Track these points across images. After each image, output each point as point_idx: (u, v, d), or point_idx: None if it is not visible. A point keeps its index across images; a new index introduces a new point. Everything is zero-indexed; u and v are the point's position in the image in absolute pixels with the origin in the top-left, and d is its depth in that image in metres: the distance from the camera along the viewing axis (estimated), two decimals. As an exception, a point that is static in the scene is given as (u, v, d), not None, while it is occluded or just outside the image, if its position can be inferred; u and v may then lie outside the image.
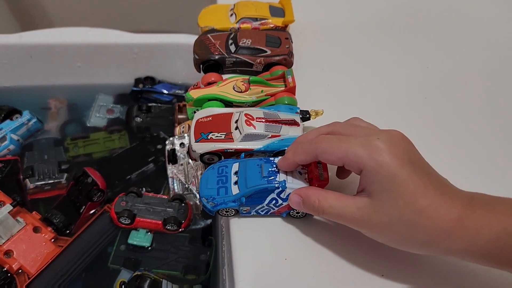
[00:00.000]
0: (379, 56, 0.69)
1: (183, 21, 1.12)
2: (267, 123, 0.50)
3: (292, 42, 0.64)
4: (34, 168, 0.76)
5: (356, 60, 0.67)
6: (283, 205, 0.47)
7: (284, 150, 0.50)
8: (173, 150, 0.76)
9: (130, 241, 0.68)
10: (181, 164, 0.76)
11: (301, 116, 0.54)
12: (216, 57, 0.62)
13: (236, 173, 0.48)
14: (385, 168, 0.37)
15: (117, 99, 0.94)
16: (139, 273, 0.64)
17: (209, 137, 0.50)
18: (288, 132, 0.51)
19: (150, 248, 0.68)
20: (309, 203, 0.42)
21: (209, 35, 0.65)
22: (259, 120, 0.50)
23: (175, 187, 0.74)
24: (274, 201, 0.46)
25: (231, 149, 0.49)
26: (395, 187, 0.37)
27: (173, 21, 1.13)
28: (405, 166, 0.37)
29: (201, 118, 0.53)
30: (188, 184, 0.74)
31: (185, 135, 0.77)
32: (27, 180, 0.75)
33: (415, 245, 0.39)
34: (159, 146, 0.83)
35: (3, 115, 0.82)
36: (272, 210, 0.48)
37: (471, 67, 0.66)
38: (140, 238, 0.68)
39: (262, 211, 0.48)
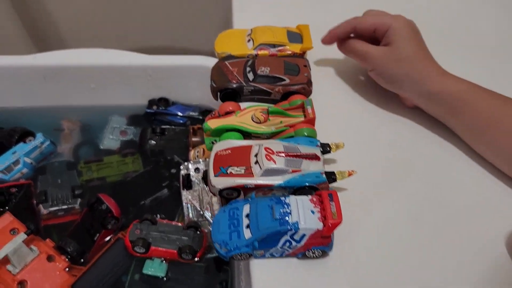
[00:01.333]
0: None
1: (198, 41, 1.12)
2: (288, 158, 0.49)
3: (310, 69, 0.63)
4: (48, 193, 0.75)
5: (376, 88, 0.66)
6: (297, 247, 0.45)
7: (305, 186, 0.48)
8: (188, 175, 0.75)
9: (145, 271, 0.67)
10: (195, 190, 0.74)
11: (321, 150, 0.52)
12: (234, 85, 0.61)
13: (247, 215, 0.46)
14: (406, 27, 0.59)
15: (130, 120, 0.93)
16: (154, 304, 0.63)
17: (228, 172, 0.49)
18: (309, 167, 0.50)
19: (165, 278, 0.67)
20: (347, 43, 0.65)
21: (226, 62, 0.64)
22: (279, 154, 0.49)
23: (190, 214, 0.73)
24: (288, 243, 0.45)
25: (252, 184, 0.48)
26: (411, 37, 0.59)
27: (188, 41, 1.13)
28: (418, 32, 0.61)
29: (220, 151, 0.52)
30: (203, 211, 0.73)
31: (200, 160, 0.76)
32: (40, 205, 0.74)
33: (408, 82, 0.59)
34: (173, 171, 0.82)
35: (16, 137, 0.82)
36: (286, 252, 0.47)
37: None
38: (155, 268, 0.67)
39: (276, 253, 0.47)
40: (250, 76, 0.62)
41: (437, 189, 0.55)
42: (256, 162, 0.49)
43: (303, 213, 0.44)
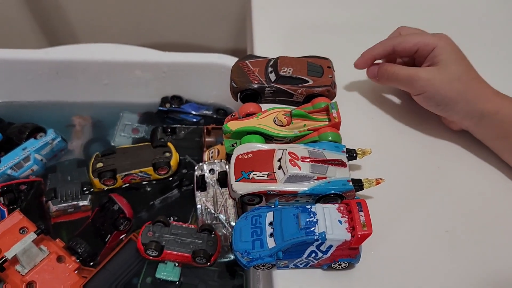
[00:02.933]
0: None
1: (214, 38, 1.10)
2: (313, 163, 0.47)
3: (334, 70, 0.60)
4: (57, 190, 0.73)
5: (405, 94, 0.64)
6: (323, 258, 0.43)
7: (331, 193, 0.46)
8: (202, 176, 0.73)
9: (158, 275, 0.65)
10: (210, 192, 0.73)
11: (347, 155, 0.50)
12: (255, 86, 0.59)
13: (271, 223, 0.44)
14: (452, 46, 0.56)
15: (142, 118, 0.91)
16: (167, 310, 0.61)
17: (250, 177, 0.47)
18: (335, 173, 0.47)
19: (177, 282, 0.65)
20: (383, 69, 0.60)
21: (247, 61, 0.62)
22: (304, 159, 0.47)
23: (204, 216, 0.71)
24: (313, 254, 0.43)
25: (275, 191, 0.46)
26: (459, 57, 0.56)
27: (204, 39, 1.11)
28: (462, 52, 0.57)
29: (241, 155, 0.50)
30: (217, 213, 0.71)
31: (216, 161, 0.74)
32: (49, 202, 0.72)
33: (461, 102, 0.54)
34: (184, 171, 0.80)
35: (27, 133, 0.80)
36: (311, 263, 0.44)
37: None
38: (168, 272, 0.65)
39: (301, 264, 0.45)
40: (272, 76, 0.59)
41: (468, 204, 0.53)
42: (280, 167, 0.47)
43: (330, 222, 0.42)
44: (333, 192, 0.46)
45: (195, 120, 0.89)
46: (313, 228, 0.41)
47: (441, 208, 0.52)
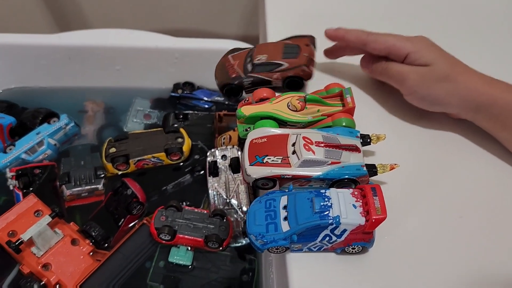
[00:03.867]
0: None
1: (226, 25, 1.09)
2: (327, 148, 0.47)
3: (315, 47, 0.60)
4: (70, 174, 0.74)
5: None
6: (337, 242, 0.43)
7: (345, 178, 0.46)
8: (215, 162, 0.73)
9: (170, 259, 0.65)
10: (222, 178, 0.73)
11: (361, 141, 0.50)
12: (233, 79, 0.59)
13: (285, 207, 0.44)
14: (429, 47, 0.55)
15: (154, 103, 0.91)
16: (180, 292, 0.62)
17: (264, 161, 0.47)
18: (349, 158, 0.47)
19: (190, 266, 0.66)
20: (378, 63, 0.58)
21: (229, 56, 0.62)
22: (319, 144, 0.47)
23: (216, 201, 0.71)
24: (327, 238, 0.43)
25: (289, 175, 0.46)
26: (441, 55, 0.54)
27: (216, 25, 1.10)
28: (441, 48, 0.55)
29: (255, 139, 0.50)
30: (229, 199, 0.71)
31: (228, 147, 0.74)
32: (63, 186, 0.72)
33: (454, 100, 0.53)
34: (197, 156, 0.81)
35: (40, 118, 0.80)
36: (325, 247, 0.45)
37: None
38: (181, 256, 0.65)
39: (314, 247, 0.45)
40: (249, 67, 0.59)
41: (483, 189, 0.52)
42: (294, 152, 0.47)
43: (344, 207, 0.42)
44: (347, 177, 0.46)
45: (207, 106, 0.89)
46: (327, 212, 0.41)
47: (455, 193, 0.51)
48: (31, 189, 0.71)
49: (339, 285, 0.43)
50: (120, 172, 0.75)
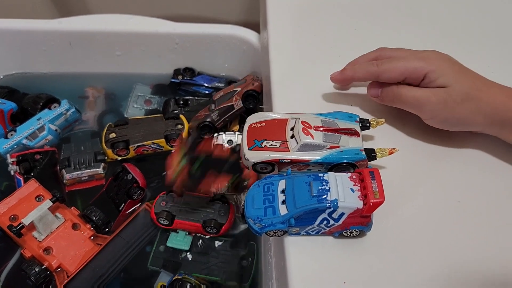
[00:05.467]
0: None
1: (226, 11, 1.08)
2: (326, 133, 0.47)
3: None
4: (70, 159, 0.74)
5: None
6: (335, 225, 0.43)
7: (343, 163, 0.46)
8: (220, 146, 0.73)
9: (169, 244, 0.66)
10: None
11: (360, 125, 0.50)
12: (206, 118, 0.74)
13: (283, 191, 0.45)
14: (446, 63, 0.50)
15: (154, 89, 0.91)
16: (179, 276, 0.62)
17: (263, 145, 0.47)
18: (348, 143, 0.47)
19: (189, 251, 0.66)
20: (388, 90, 0.53)
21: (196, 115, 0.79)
22: (317, 128, 0.47)
23: (217, 186, 0.72)
24: (325, 222, 0.43)
25: (287, 159, 0.46)
26: (459, 70, 0.50)
27: (216, 11, 1.09)
28: (457, 62, 0.51)
29: (254, 123, 0.50)
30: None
31: (235, 132, 0.74)
32: (63, 170, 0.73)
33: (479, 118, 0.49)
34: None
35: (41, 104, 0.80)
36: (323, 231, 0.45)
37: None
38: (179, 242, 0.66)
39: (312, 231, 0.45)
40: (212, 106, 0.75)
41: (481, 174, 0.52)
42: (293, 136, 0.47)
43: (342, 191, 0.42)
44: (345, 161, 0.46)
45: (207, 92, 0.89)
46: (325, 196, 0.41)
47: (454, 178, 0.51)
48: (32, 174, 0.71)
49: (337, 268, 0.43)
50: (119, 158, 0.75)
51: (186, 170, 0.66)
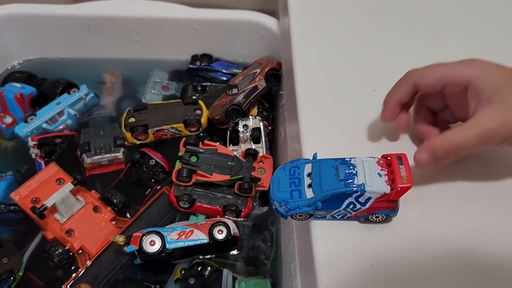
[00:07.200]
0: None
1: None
2: None
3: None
4: (91, 143, 0.74)
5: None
6: (361, 210, 0.43)
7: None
8: (236, 131, 0.73)
9: (190, 226, 0.66)
10: (241, 147, 0.73)
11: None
12: (232, 102, 0.74)
13: (309, 174, 0.45)
14: (493, 71, 0.41)
15: (172, 75, 0.91)
16: (199, 260, 0.63)
17: None
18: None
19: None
20: (439, 150, 0.42)
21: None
22: None
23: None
24: (351, 206, 0.43)
25: None
26: (509, 75, 0.41)
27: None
28: (506, 66, 0.42)
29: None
30: (246, 169, 0.71)
31: (250, 117, 0.74)
32: (84, 155, 0.73)
33: None
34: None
35: (60, 88, 0.81)
36: (349, 215, 0.45)
37: None
38: (199, 224, 0.66)
39: (338, 215, 0.45)
40: (234, 90, 0.75)
41: (507, 159, 0.52)
42: None
43: (369, 175, 0.42)
44: None
45: (225, 78, 0.89)
46: (352, 180, 0.41)
47: (479, 164, 0.51)
48: (52, 158, 0.72)
49: (363, 252, 0.43)
50: (138, 142, 0.76)
51: None
